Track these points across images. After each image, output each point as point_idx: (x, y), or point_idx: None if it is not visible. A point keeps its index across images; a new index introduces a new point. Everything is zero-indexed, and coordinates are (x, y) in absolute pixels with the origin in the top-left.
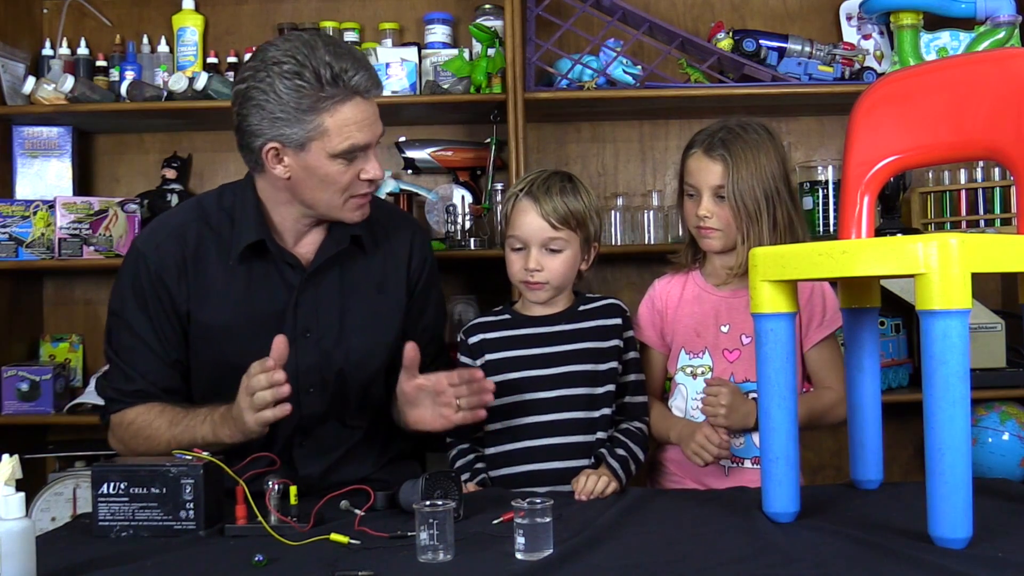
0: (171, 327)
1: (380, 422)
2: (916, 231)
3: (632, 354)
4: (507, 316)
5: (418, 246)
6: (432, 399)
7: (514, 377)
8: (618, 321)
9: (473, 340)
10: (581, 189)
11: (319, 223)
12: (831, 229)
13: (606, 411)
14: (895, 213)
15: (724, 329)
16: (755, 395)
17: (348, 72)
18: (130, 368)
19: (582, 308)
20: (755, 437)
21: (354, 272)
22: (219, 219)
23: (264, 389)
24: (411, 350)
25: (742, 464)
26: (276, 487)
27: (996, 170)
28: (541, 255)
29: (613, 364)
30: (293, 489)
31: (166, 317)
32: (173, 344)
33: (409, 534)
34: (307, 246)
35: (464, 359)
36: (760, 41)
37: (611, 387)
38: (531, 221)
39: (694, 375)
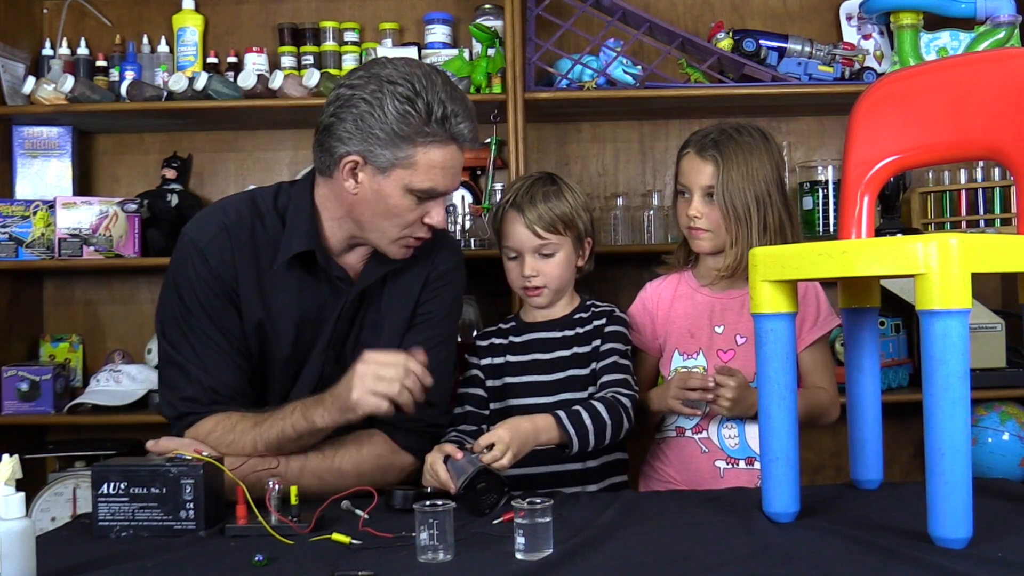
0: (232, 322)
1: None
2: (916, 231)
3: (611, 345)
4: (513, 323)
5: (441, 261)
6: None
7: (511, 382)
8: (601, 322)
9: (481, 343)
10: (565, 190)
11: (363, 245)
12: (831, 229)
13: None
14: (895, 213)
15: (718, 330)
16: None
17: (457, 117)
18: (198, 368)
19: (577, 316)
20: (749, 438)
21: (386, 293)
22: (272, 219)
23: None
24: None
25: (737, 465)
26: (276, 487)
27: (996, 170)
28: (535, 261)
29: (595, 366)
30: (293, 489)
31: (226, 312)
32: (237, 338)
33: (411, 534)
34: (354, 259)
35: (470, 358)
36: (760, 41)
37: (594, 390)
38: (519, 231)
39: None
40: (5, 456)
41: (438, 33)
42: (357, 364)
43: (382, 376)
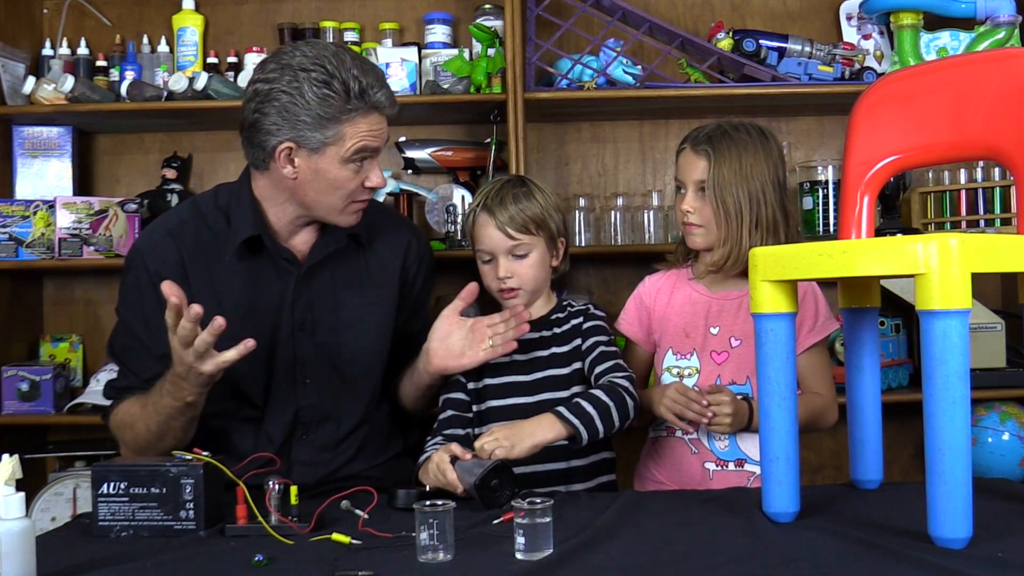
0: (164, 324)
1: (379, 420)
2: (916, 231)
3: (593, 339)
4: None
5: (415, 248)
6: (465, 337)
7: (490, 383)
8: (579, 321)
9: None
10: (535, 191)
11: (312, 222)
12: (831, 229)
13: None
14: (895, 213)
15: (713, 331)
16: (742, 396)
17: (373, 88)
18: (124, 366)
19: (554, 316)
20: (739, 440)
21: (347, 268)
22: (216, 218)
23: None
24: (473, 286)
25: (726, 467)
26: (276, 487)
27: (996, 170)
28: (509, 262)
29: (576, 366)
30: (294, 489)
31: (161, 314)
32: (164, 340)
33: (411, 534)
34: (301, 243)
35: None
36: (760, 41)
37: (578, 388)
38: (491, 234)
39: (680, 376)
40: (5, 456)
41: (438, 33)
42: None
43: (184, 338)
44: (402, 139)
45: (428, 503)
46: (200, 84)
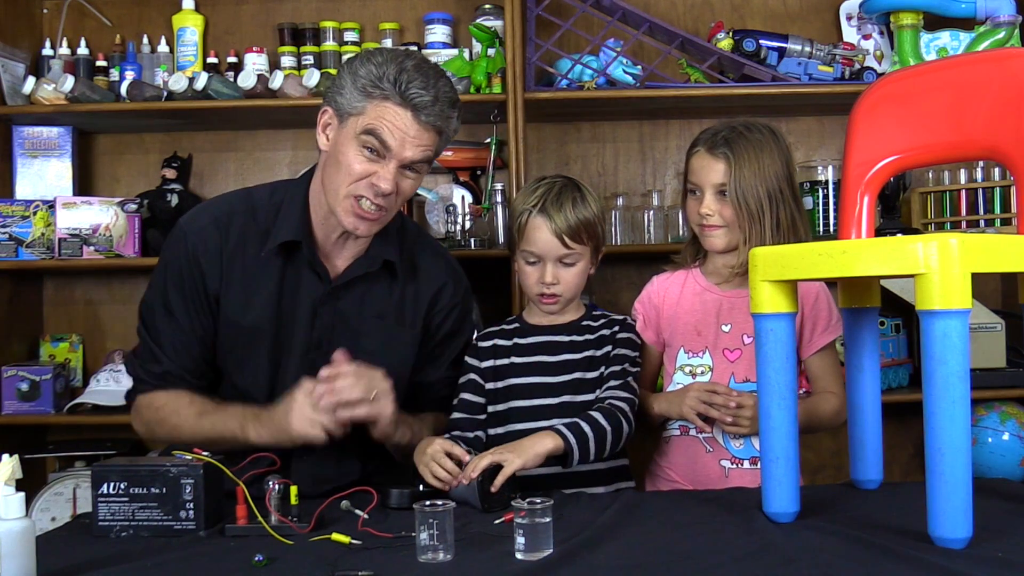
0: (202, 308)
1: (381, 455)
2: (916, 231)
3: (622, 351)
4: (516, 325)
5: (449, 293)
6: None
7: (515, 383)
8: (615, 329)
9: (484, 344)
10: (589, 198)
11: (345, 235)
12: (831, 229)
13: None
14: (895, 213)
15: (725, 328)
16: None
17: (417, 91)
18: (159, 348)
19: (585, 322)
20: (753, 438)
21: (379, 298)
22: (266, 213)
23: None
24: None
25: (741, 465)
26: (276, 487)
27: (996, 170)
28: (557, 268)
29: (603, 370)
30: (294, 489)
31: (197, 298)
32: (204, 325)
33: (411, 534)
34: (340, 262)
35: (469, 360)
36: (760, 41)
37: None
38: (546, 239)
39: (693, 374)
40: (5, 456)
41: (438, 33)
42: (296, 391)
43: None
44: None
45: (428, 503)
46: (200, 84)
